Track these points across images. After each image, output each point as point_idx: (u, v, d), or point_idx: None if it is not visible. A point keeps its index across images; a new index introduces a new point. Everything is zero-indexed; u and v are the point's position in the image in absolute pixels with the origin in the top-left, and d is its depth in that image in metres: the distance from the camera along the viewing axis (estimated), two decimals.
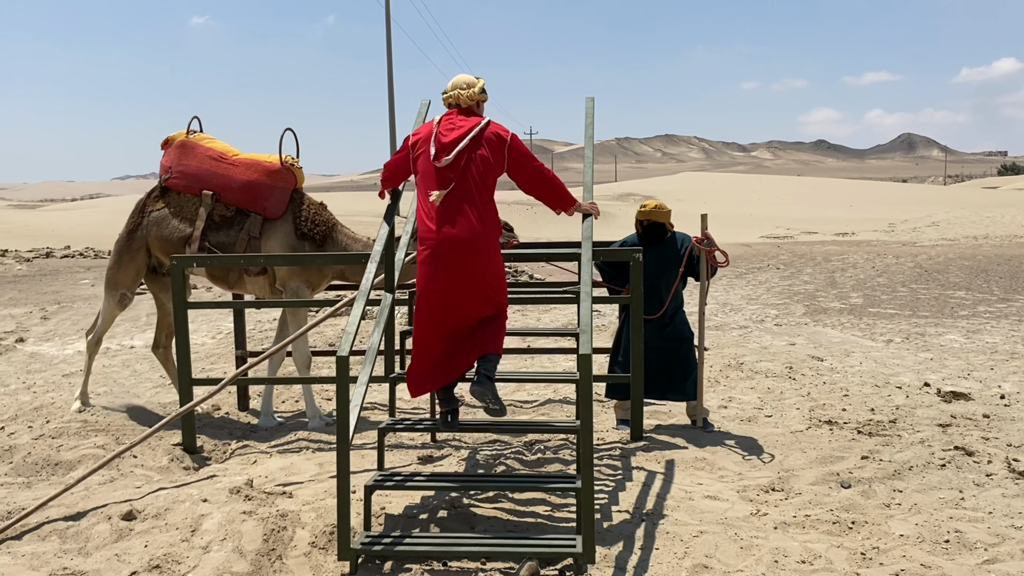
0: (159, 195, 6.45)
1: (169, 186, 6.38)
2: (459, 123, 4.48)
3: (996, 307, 11.68)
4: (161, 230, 6.30)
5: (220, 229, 6.21)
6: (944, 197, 44.02)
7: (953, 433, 5.63)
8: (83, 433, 5.76)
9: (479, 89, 4.59)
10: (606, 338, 9.03)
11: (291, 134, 6.33)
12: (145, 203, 6.48)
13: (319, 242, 6.26)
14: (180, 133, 6.55)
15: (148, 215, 6.39)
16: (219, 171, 6.23)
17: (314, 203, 6.41)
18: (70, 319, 11.55)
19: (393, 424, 4.58)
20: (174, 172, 6.34)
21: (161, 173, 6.46)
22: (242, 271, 6.24)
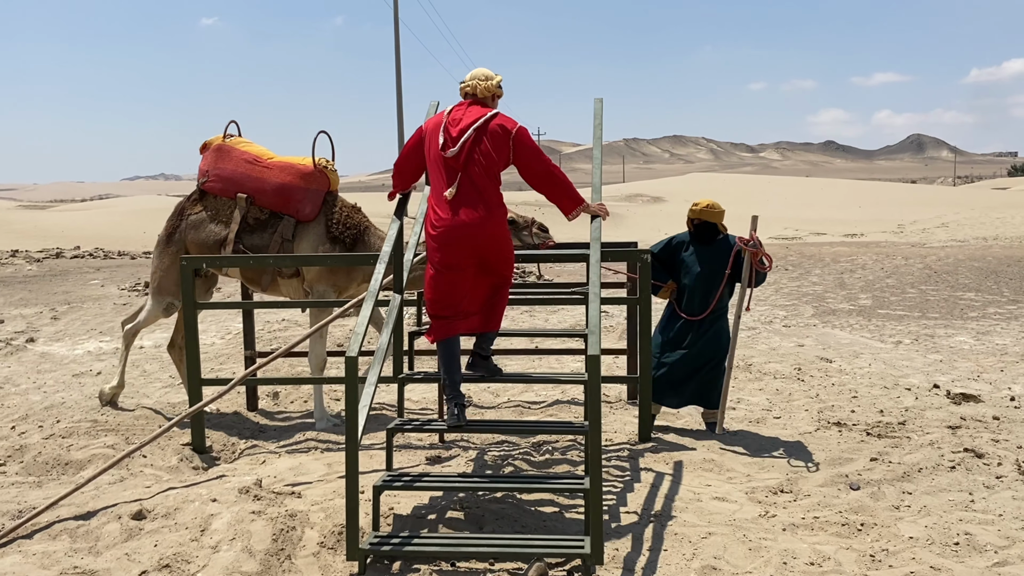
0: (197, 198, 6.47)
1: (206, 189, 6.40)
2: (469, 114, 4.57)
3: (1006, 308, 11.62)
4: (198, 233, 6.33)
5: (254, 232, 6.23)
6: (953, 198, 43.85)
7: (963, 435, 5.61)
8: (93, 433, 5.79)
9: (496, 83, 4.68)
10: (614, 339, 9.03)
11: (325, 136, 6.34)
12: (184, 206, 6.50)
13: (349, 245, 6.25)
14: (218, 137, 6.57)
15: (186, 218, 6.41)
16: (254, 174, 6.26)
17: (347, 205, 6.40)
18: (80, 319, 11.60)
19: (402, 425, 4.59)
20: (211, 175, 6.37)
21: (199, 176, 6.48)
22: (276, 273, 6.26)
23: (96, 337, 10.22)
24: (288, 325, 10.61)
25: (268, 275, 6.29)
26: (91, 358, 8.89)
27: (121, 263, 21.18)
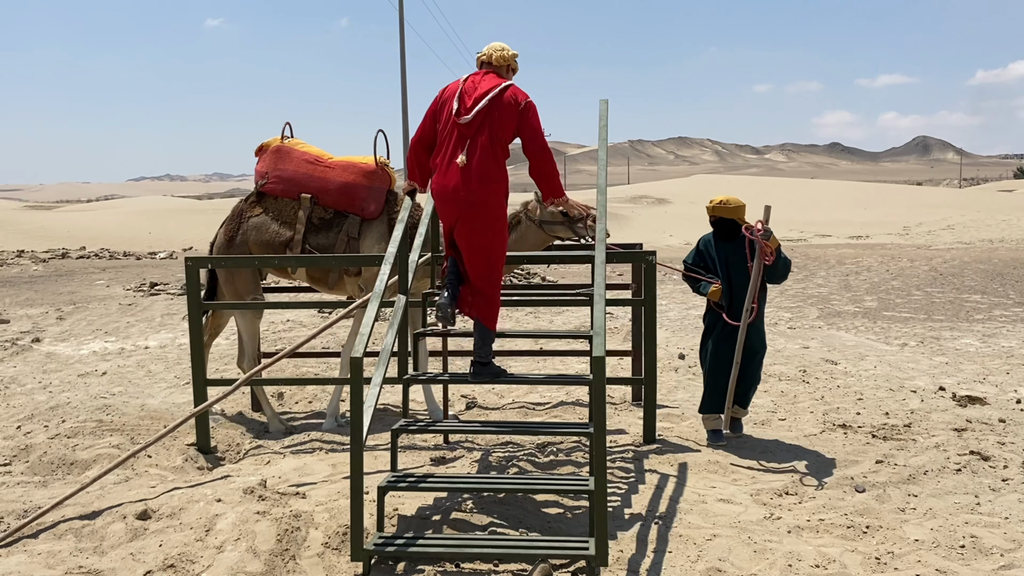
0: (255, 201, 6.43)
1: (266, 191, 6.36)
2: (484, 83, 4.72)
3: (1012, 311, 11.59)
4: (261, 235, 6.29)
5: (319, 231, 6.22)
6: (959, 200, 43.74)
7: (968, 438, 5.59)
8: (98, 433, 5.80)
9: (512, 55, 4.86)
10: (619, 340, 9.02)
11: (383, 136, 6.34)
12: (243, 209, 6.44)
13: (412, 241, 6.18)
14: (275, 139, 6.53)
15: (247, 221, 6.37)
16: (316, 174, 6.24)
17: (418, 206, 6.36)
18: (86, 319, 11.63)
19: (406, 425, 4.58)
20: (270, 177, 6.33)
21: (257, 179, 6.45)
22: (342, 272, 6.24)
23: (101, 337, 10.24)
24: (293, 326, 10.62)
25: (335, 274, 6.28)
26: (96, 358, 8.91)
27: (127, 263, 21.23)
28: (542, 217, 6.11)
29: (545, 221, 6.10)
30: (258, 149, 6.60)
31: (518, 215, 6.21)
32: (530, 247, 6.20)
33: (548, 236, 6.18)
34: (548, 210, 6.06)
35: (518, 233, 6.17)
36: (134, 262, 21.76)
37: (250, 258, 6.09)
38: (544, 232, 6.15)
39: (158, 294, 14.34)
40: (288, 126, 6.57)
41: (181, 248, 26.04)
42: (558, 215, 6.05)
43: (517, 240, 6.14)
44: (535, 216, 6.14)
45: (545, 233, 6.15)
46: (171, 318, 11.64)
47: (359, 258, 5.90)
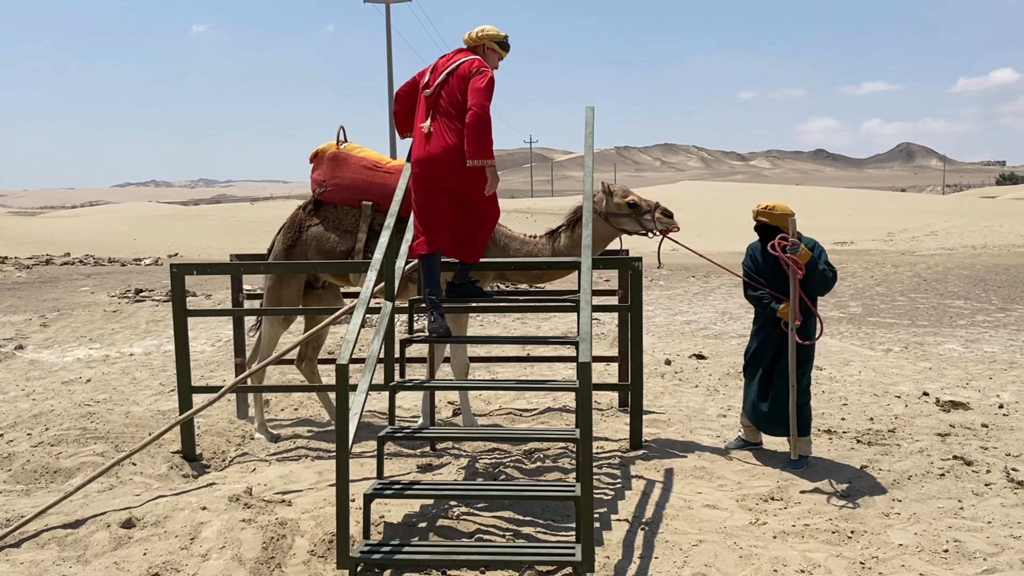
0: (314, 209, 6.30)
1: (324, 199, 6.23)
2: (454, 59, 5.10)
3: (994, 316, 11.68)
4: (322, 244, 6.16)
5: (375, 239, 5.99)
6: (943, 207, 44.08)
7: (952, 443, 5.63)
8: (82, 440, 5.76)
9: (486, 33, 5.19)
10: (606, 346, 9.04)
11: None
12: (302, 218, 6.31)
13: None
14: (330, 145, 6.39)
15: (306, 230, 6.24)
16: (376, 180, 6.08)
17: None
18: (70, 326, 11.55)
19: (392, 432, 4.58)
20: (328, 185, 6.20)
21: (313, 187, 6.32)
22: (405, 278, 5.97)
23: (86, 344, 10.18)
24: None
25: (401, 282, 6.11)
26: (81, 365, 8.85)
27: (111, 270, 21.11)
28: (608, 209, 5.99)
29: (611, 213, 5.99)
30: (313, 156, 6.45)
31: (580, 209, 6.02)
32: (595, 241, 5.94)
33: (614, 229, 6.04)
34: (615, 202, 5.96)
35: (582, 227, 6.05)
36: (119, 268, 21.64)
37: (235, 265, 6.07)
38: (610, 225, 6.01)
39: (143, 301, 14.27)
40: (342, 130, 6.40)
41: (166, 254, 25.93)
42: (625, 207, 5.96)
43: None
44: (601, 208, 6.00)
45: (611, 226, 6.02)
46: (156, 325, 11.58)
47: (341, 265, 5.89)
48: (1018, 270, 18.16)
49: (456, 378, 6.12)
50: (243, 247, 26.06)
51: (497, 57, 5.29)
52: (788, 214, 5.36)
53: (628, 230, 6.04)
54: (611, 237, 6.11)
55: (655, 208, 5.95)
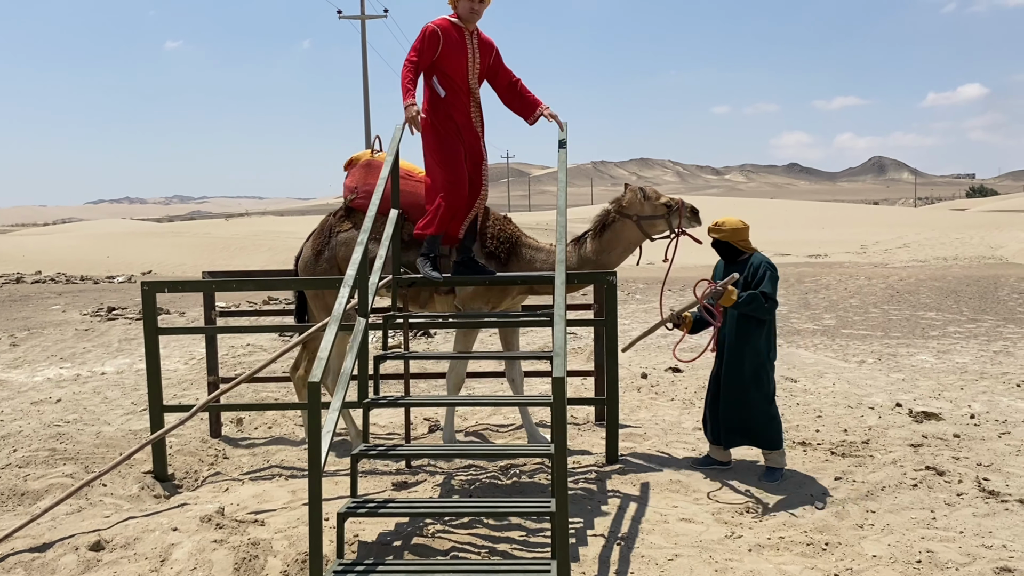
0: (344, 216, 6.20)
1: (355, 207, 6.13)
2: None
3: (966, 327, 11.82)
4: (350, 251, 5.97)
5: (410, 248, 5.87)
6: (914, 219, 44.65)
7: (924, 453, 5.68)
8: (51, 462, 5.67)
9: None
10: (583, 360, 9.04)
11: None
12: (332, 225, 6.23)
13: (503, 261, 5.98)
14: (364, 153, 6.31)
15: (335, 236, 6.14)
16: (407, 189, 5.91)
17: (498, 218, 6.15)
18: (40, 346, 11.39)
19: (367, 450, 4.54)
20: (360, 192, 6.11)
21: (345, 194, 6.24)
22: (432, 290, 5.95)
23: (56, 364, 10.03)
24: (253, 350, 10.49)
25: (425, 292, 5.97)
26: (51, 385, 8.73)
27: (84, 288, 20.87)
28: (642, 212, 5.86)
29: (645, 217, 5.86)
30: (347, 163, 6.38)
31: (608, 213, 5.97)
32: (625, 246, 5.94)
33: (643, 234, 5.91)
34: (652, 204, 5.85)
35: (612, 232, 5.94)
36: (91, 286, 21.39)
37: (207, 282, 6.01)
38: (641, 229, 5.88)
39: (116, 319, 14.11)
40: (378, 139, 6.30)
41: (140, 272, 25.68)
42: (662, 208, 5.84)
43: (611, 239, 5.92)
44: (632, 212, 5.88)
45: (641, 231, 5.89)
46: (129, 343, 11.45)
47: (315, 281, 5.85)
48: (988, 281, 18.41)
49: (448, 391, 6.08)
50: (218, 264, 25.86)
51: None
52: (738, 229, 5.39)
53: (657, 233, 5.92)
54: (640, 242, 5.99)
55: (681, 206, 5.86)
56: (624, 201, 5.95)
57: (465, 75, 5.48)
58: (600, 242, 5.98)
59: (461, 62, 5.44)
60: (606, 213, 5.99)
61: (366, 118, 33.11)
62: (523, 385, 6.23)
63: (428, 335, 11.22)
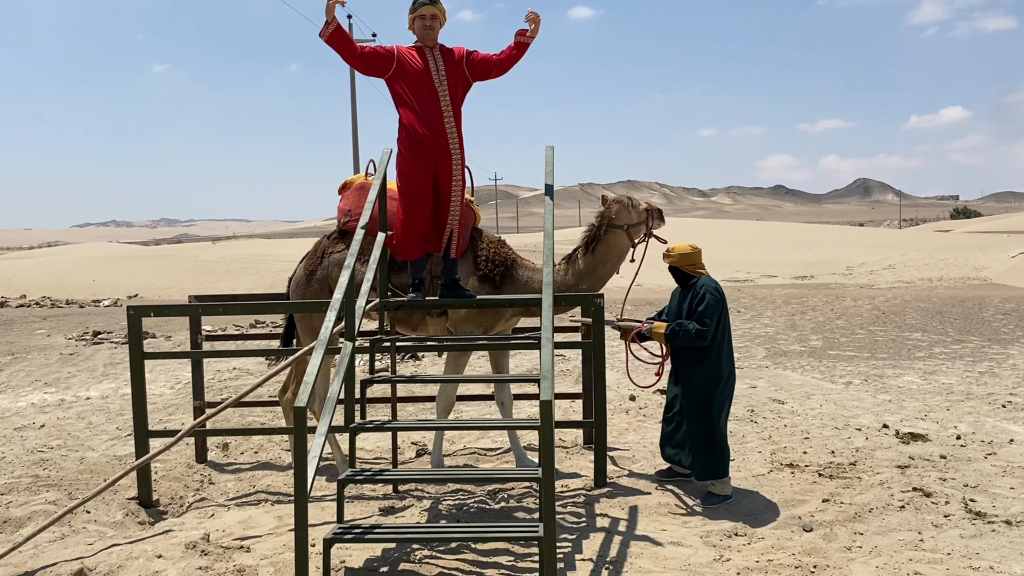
0: (338, 238, 6.24)
1: (348, 229, 6.15)
2: None
3: (951, 348, 11.89)
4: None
5: (402, 270, 5.91)
6: (899, 240, 44.97)
7: (912, 474, 5.69)
8: (34, 488, 5.61)
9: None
10: (571, 383, 9.04)
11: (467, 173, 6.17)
12: (324, 246, 6.25)
13: (498, 284, 5.98)
14: (358, 177, 6.36)
15: (328, 257, 6.17)
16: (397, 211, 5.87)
17: (493, 240, 6.16)
18: (24, 370, 11.29)
19: (353, 475, 4.51)
20: (353, 215, 6.11)
21: (339, 217, 6.27)
22: (425, 313, 5.96)
23: (40, 389, 9.95)
24: (239, 374, 10.44)
25: (417, 314, 5.98)
26: (34, 410, 8.64)
27: (69, 312, 20.74)
28: (629, 221, 5.97)
29: (632, 224, 5.97)
30: (341, 187, 6.41)
31: (599, 227, 6.01)
32: (618, 256, 6.00)
33: (631, 240, 6.00)
34: (638, 211, 5.96)
35: (605, 244, 5.99)
36: (77, 310, 21.26)
37: (193, 306, 5.99)
38: (629, 237, 5.98)
39: (101, 343, 14.01)
40: (372, 163, 6.30)
41: (126, 295, 25.54)
42: (643, 214, 5.98)
43: (605, 251, 5.98)
44: (622, 221, 5.97)
45: (629, 239, 5.99)
46: (114, 368, 11.37)
47: (302, 304, 5.84)
48: (973, 302, 18.55)
49: (438, 414, 6.06)
50: (204, 287, 25.75)
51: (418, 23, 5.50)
52: (686, 254, 5.51)
53: (638, 237, 6.03)
54: (628, 250, 6.06)
55: (653, 209, 6.04)
56: (613, 212, 6.01)
57: (431, 92, 5.46)
58: (594, 256, 6.02)
59: (423, 80, 5.46)
60: (596, 227, 6.03)
61: (354, 141, 33.17)
62: (512, 407, 6.23)
63: (416, 357, 11.19)
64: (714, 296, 5.30)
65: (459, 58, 5.55)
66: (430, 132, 5.45)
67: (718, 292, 5.35)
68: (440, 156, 5.48)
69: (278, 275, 25.93)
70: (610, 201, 6.06)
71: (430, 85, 5.45)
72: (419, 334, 6.16)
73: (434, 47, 5.53)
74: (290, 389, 6.39)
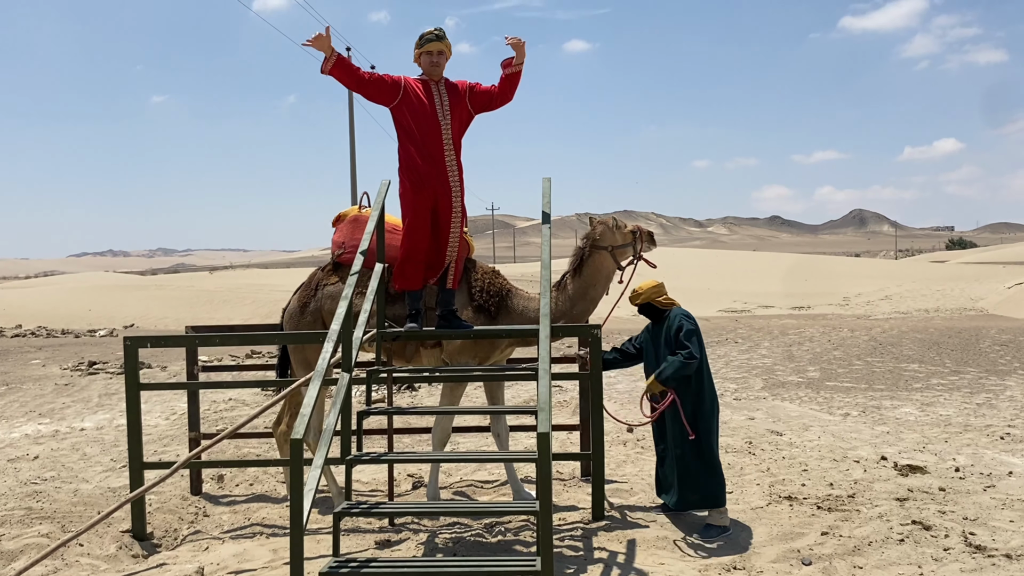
0: (332, 270, 6.23)
1: (342, 261, 6.15)
2: None
3: (948, 379, 11.88)
4: (335, 304, 5.90)
5: (396, 302, 5.89)
6: (896, 271, 45.11)
7: (911, 507, 5.66)
8: (27, 521, 5.56)
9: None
10: (568, 414, 9.01)
11: None
12: (319, 278, 6.24)
13: (493, 314, 5.97)
14: (352, 209, 6.36)
15: (322, 289, 6.15)
16: (393, 243, 5.90)
17: (487, 271, 6.16)
18: (18, 401, 11.24)
19: (349, 508, 4.48)
20: (347, 247, 6.13)
21: (333, 249, 6.27)
22: (419, 344, 5.94)
23: (35, 420, 9.89)
24: (235, 405, 10.40)
25: (411, 346, 5.96)
26: (28, 441, 8.59)
27: (64, 342, 20.68)
28: (614, 242, 5.98)
29: (617, 246, 5.98)
30: (335, 219, 6.41)
31: (584, 249, 6.03)
32: (605, 277, 6.00)
33: (616, 262, 6.01)
34: (622, 233, 5.97)
35: (591, 267, 6.00)
36: (72, 340, 21.21)
37: (190, 337, 5.99)
38: (615, 259, 5.99)
39: (96, 373, 13.96)
40: (366, 195, 6.33)
41: (122, 325, 25.49)
42: (629, 236, 5.99)
43: (591, 273, 5.98)
44: (606, 243, 5.98)
45: (616, 261, 6.00)
46: (109, 398, 11.32)
47: (299, 336, 5.83)
48: (970, 333, 18.57)
49: (434, 446, 6.02)
50: (201, 317, 25.73)
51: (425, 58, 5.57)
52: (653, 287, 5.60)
53: (624, 260, 6.03)
54: (614, 273, 6.07)
55: (642, 232, 6.04)
56: (597, 234, 6.03)
57: (434, 125, 5.52)
58: (582, 279, 6.03)
59: (427, 112, 5.52)
60: (581, 249, 6.05)
61: (352, 173, 33.33)
62: (508, 439, 6.20)
63: (412, 388, 11.16)
64: (689, 320, 5.46)
65: (462, 91, 5.61)
66: (431, 165, 5.50)
67: (691, 318, 5.50)
68: (440, 189, 5.52)
69: (275, 305, 25.91)
70: (595, 222, 6.10)
71: (434, 118, 5.50)
72: (414, 365, 6.14)
73: (439, 81, 5.59)
74: (284, 421, 6.37)
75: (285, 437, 6.30)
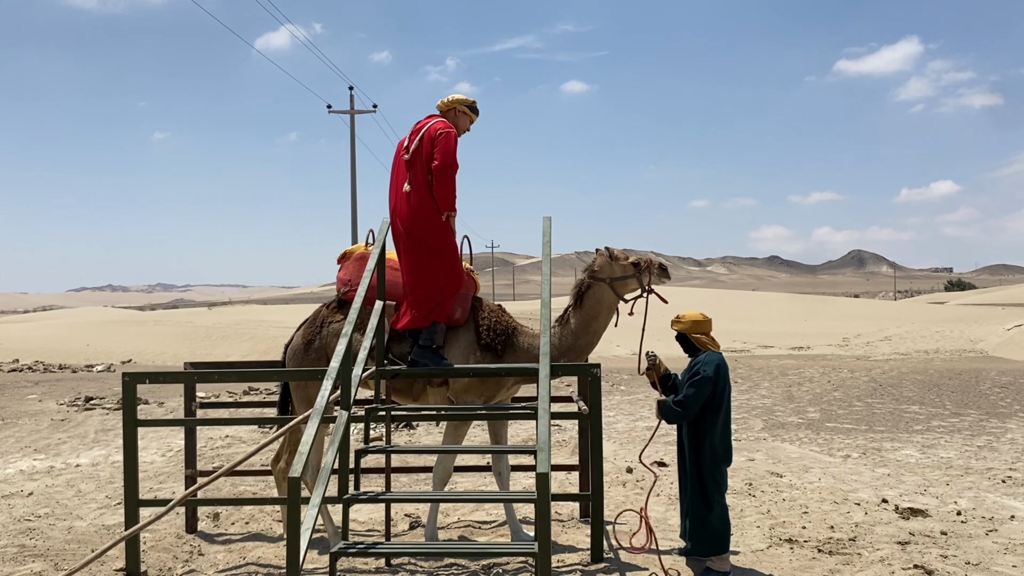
0: (337, 308, 6.21)
1: (348, 299, 6.11)
2: (423, 123, 5.71)
3: (949, 421, 11.83)
4: None
5: (402, 340, 5.88)
6: (895, 312, 45.13)
7: (912, 551, 5.61)
8: (19, 559, 5.50)
9: (454, 99, 5.86)
10: (567, 454, 8.95)
11: (467, 241, 6.15)
12: (324, 316, 6.21)
13: (499, 352, 5.93)
14: (359, 247, 6.37)
15: (327, 327, 6.11)
16: (398, 281, 5.90)
17: (493, 309, 6.14)
18: (14, 436, 11.17)
19: (346, 548, 4.44)
20: (353, 285, 6.10)
21: (339, 287, 6.27)
22: (426, 382, 5.90)
23: (30, 455, 9.82)
24: (232, 442, 10.33)
25: (419, 384, 5.92)
26: (23, 477, 8.53)
27: (61, 376, 20.62)
28: (613, 274, 5.94)
29: (616, 278, 5.93)
30: (341, 256, 6.42)
31: (584, 281, 6.01)
32: (607, 309, 5.96)
33: (617, 297, 5.96)
34: (620, 264, 5.92)
35: (591, 299, 5.96)
36: (70, 375, 21.14)
37: (188, 373, 5.97)
38: (615, 292, 5.94)
39: (93, 409, 13.90)
40: (371, 233, 6.32)
41: (120, 360, 25.42)
42: (630, 268, 5.93)
43: (592, 306, 5.94)
44: (605, 275, 5.96)
45: (615, 293, 5.95)
46: (105, 434, 11.25)
47: (298, 373, 5.81)
48: (970, 375, 18.52)
49: (435, 485, 5.96)
50: (199, 353, 25.66)
51: (468, 120, 5.87)
52: (697, 320, 5.42)
53: (629, 293, 5.97)
54: (616, 305, 6.01)
55: (651, 264, 5.95)
56: (596, 265, 6.02)
57: None
58: (583, 312, 5.99)
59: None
60: (581, 282, 6.04)
61: (353, 210, 33.49)
62: (509, 479, 6.15)
63: (410, 427, 11.10)
64: (707, 375, 5.18)
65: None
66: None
67: (716, 371, 5.21)
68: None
69: (273, 341, 25.87)
70: (597, 253, 6.11)
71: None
72: (420, 403, 6.09)
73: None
74: (283, 459, 6.32)
75: (284, 475, 6.24)
